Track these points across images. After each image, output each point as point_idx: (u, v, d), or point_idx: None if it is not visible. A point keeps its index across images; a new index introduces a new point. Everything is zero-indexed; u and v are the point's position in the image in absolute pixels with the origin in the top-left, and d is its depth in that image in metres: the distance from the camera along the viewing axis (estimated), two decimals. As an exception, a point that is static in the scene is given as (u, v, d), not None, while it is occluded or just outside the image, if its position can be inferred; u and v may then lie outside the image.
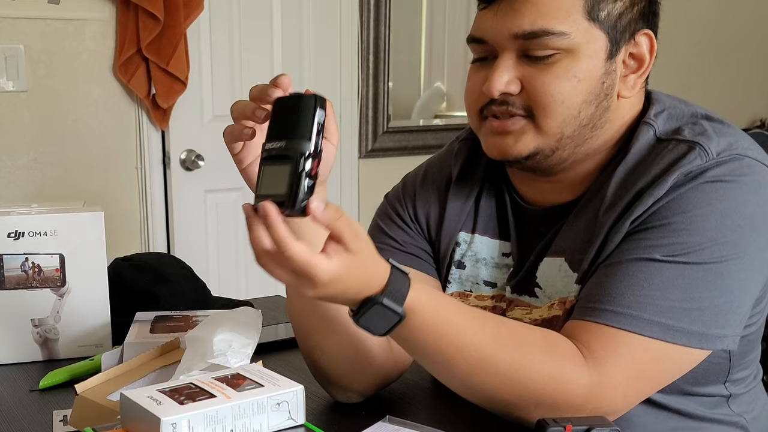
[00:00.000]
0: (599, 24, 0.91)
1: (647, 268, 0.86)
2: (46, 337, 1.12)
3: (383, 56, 2.96)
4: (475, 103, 0.97)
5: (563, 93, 0.91)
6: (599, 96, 0.92)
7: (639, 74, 0.95)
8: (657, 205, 0.88)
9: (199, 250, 2.62)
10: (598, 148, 0.96)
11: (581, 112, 0.92)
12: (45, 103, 2.35)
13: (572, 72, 0.90)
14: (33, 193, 2.34)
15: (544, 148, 0.94)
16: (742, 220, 0.86)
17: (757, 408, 1.05)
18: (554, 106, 0.91)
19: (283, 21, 2.71)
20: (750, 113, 3.96)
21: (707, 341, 0.86)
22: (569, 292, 0.95)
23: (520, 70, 0.92)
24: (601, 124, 0.94)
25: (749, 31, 3.83)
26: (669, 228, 0.87)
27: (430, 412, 0.96)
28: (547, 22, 0.89)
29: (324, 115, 0.77)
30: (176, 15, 2.34)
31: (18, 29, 2.28)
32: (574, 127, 0.92)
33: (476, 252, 1.05)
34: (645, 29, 0.94)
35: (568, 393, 0.84)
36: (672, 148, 0.90)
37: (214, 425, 0.76)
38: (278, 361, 1.11)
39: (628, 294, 0.85)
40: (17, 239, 1.09)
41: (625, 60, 0.94)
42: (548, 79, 0.90)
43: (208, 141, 2.57)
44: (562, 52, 0.90)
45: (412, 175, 1.14)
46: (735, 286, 0.87)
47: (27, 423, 0.92)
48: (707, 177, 0.87)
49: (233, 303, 1.31)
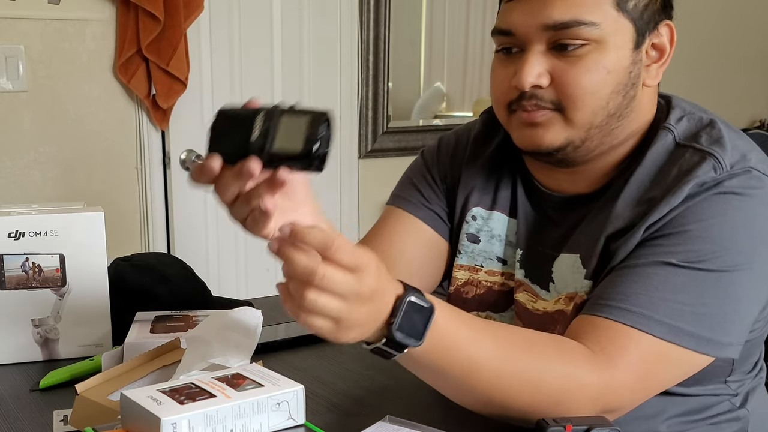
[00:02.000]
0: (627, 14, 0.92)
1: (662, 272, 0.87)
2: (46, 337, 1.12)
3: (383, 56, 2.96)
4: (504, 96, 0.97)
5: (594, 85, 0.91)
6: (627, 86, 0.93)
7: (660, 64, 0.97)
8: (673, 213, 0.89)
9: (199, 250, 2.62)
10: (623, 138, 0.97)
11: (609, 102, 0.93)
12: (45, 103, 2.35)
13: (602, 64, 0.91)
14: (33, 193, 2.35)
15: (574, 139, 0.94)
16: (753, 232, 0.89)
17: (758, 405, 1.06)
18: (585, 98, 0.92)
19: (283, 21, 2.71)
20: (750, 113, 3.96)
21: (713, 348, 0.87)
22: (578, 288, 0.97)
23: (550, 62, 0.92)
24: (627, 113, 0.95)
25: (749, 32, 3.83)
26: (685, 235, 0.88)
27: (430, 412, 0.95)
28: (579, 12, 0.90)
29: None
30: (176, 15, 2.35)
31: (18, 29, 2.28)
32: (602, 117, 0.93)
33: (492, 228, 1.07)
34: (666, 20, 0.96)
35: (581, 392, 0.84)
36: (689, 157, 0.92)
37: (214, 425, 0.76)
38: (278, 361, 1.11)
39: (642, 294, 0.87)
40: (17, 239, 1.09)
41: (647, 50, 0.95)
42: (579, 72, 0.91)
43: (208, 141, 2.57)
44: (592, 43, 0.91)
45: (447, 137, 1.16)
46: (744, 296, 0.89)
47: (27, 423, 0.92)
48: (721, 188, 0.89)
49: (233, 303, 1.31)
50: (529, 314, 1.03)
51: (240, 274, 2.73)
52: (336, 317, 0.74)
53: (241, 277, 2.73)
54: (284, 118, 0.75)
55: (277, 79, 2.73)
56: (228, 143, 0.78)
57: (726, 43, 3.76)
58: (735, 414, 1.02)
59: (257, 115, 0.76)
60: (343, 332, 0.75)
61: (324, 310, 0.73)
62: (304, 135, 0.74)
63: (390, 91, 3.02)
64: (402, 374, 1.09)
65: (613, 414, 0.87)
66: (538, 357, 0.85)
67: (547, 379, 0.84)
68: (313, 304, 0.72)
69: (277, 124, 0.75)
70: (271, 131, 0.75)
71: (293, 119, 0.75)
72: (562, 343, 0.87)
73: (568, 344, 0.87)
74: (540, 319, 1.01)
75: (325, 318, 0.74)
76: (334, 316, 0.73)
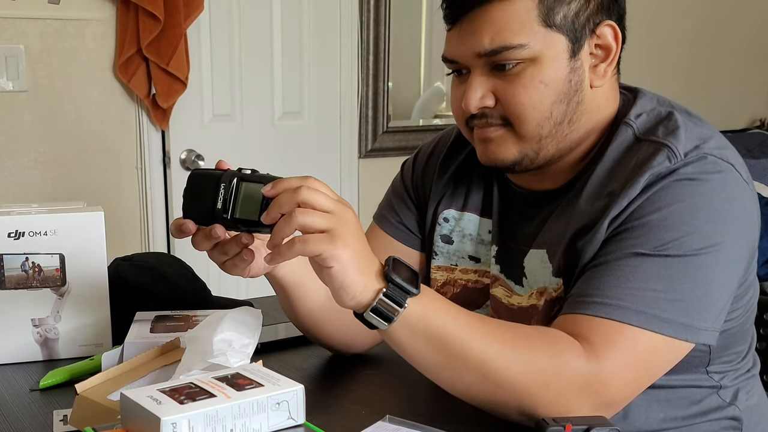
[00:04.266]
0: (556, 28, 0.94)
1: (631, 262, 0.90)
2: (46, 337, 1.12)
3: (383, 56, 2.96)
4: (461, 116, 1.02)
5: (533, 100, 0.95)
6: (569, 93, 0.97)
7: (608, 62, 0.98)
8: (632, 206, 0.92)
9: (199, 250, 2.62)
10: (580, 139, 1.00)
11: (553, 112, 0.96)
12: (45, 103, 2.35)
13: (538, 78, 0.95)
14: (33, 193, 2.35)
15: (528, 152, 0.99)
16: (712, 214, 0.91)
17: (753, 402, 1.06)
18: (527, 113, 0.96)
19: (283, 21, 2.71)
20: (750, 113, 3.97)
21: (691, 333, 0.89)
22: (547, 283, 1.00)
23: (492, 83, 0.97)
24: (578, 117, 0.98)
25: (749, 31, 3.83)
26: (647, 225, 0.91)
27: (430, 412, 0.96)
28: (505, 38, 0.93)
29: None
30: (176, 15, 2.35)
31: (18, 29, 2.28)
32: (549, 127, 0.97)
33: (463, 228, 1.11)
34: (606, 20, 0.97)
35: (570, 374, 0.86)
36: (644, 149, 0.94)
37: (214, 425, 0.76)
38: (278, 361, 1.11)
39: (615, 286, 0.89)
40: (17, 239, 1.09)
41: (592, 51, 0.98)
42: (517, 89, 0.95)
43: (208, 141, 2.57)
44: (526, 61, 0.94)
45: (425, 146, 1.22)
46: (714, 279, 0.90)
47: (27, 423, 0.92)
48: (677, 176, 0.91)
49: (233, 303, 1.31)
50: (506, 309, 1.05)
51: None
52: (325, 228, 0.81)
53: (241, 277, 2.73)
54: (245, 185, 0.87)
55: (277, 79, 2.73)
56: (197, 209, 0.89)
57: (725, 42, 3.76)
58: (726, 412, 1.03)
59: (219, 185, 0.87)
60: (339, 242, 0.81)
61: (313, 222, 0.81)
62: (260, 204, 0.85)
63: (390, 91, 3.02)
64: (402, 374, 1.09)
65: (609, 409, 0.88)
66: (524, 338, 0.88)
67: (534, 358, 0.86)
68: (302, 221, 0.80)
69: (237, 193, 0.87)
70: (231, 200, 0.87)
71: (253, 187, 0.86)
72: (548, 331, 0.89)
73: (558, 336, 0.88)
74: (515, 313, 1.04)
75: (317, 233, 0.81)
76: (324, 226, 0.81)
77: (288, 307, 1.08)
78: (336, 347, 1.13)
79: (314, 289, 1.04)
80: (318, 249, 0.81)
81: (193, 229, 0.89)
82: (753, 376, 1.08)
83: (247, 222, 0.86)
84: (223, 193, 0.87)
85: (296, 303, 1.05)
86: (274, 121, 2.75)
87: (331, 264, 0.82)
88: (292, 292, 1.04)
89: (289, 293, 1.04)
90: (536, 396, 0.86)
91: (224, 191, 0.87)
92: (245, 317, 0.96)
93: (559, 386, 0.86)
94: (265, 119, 2.72)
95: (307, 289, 1.04)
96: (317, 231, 0.81)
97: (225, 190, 0.87)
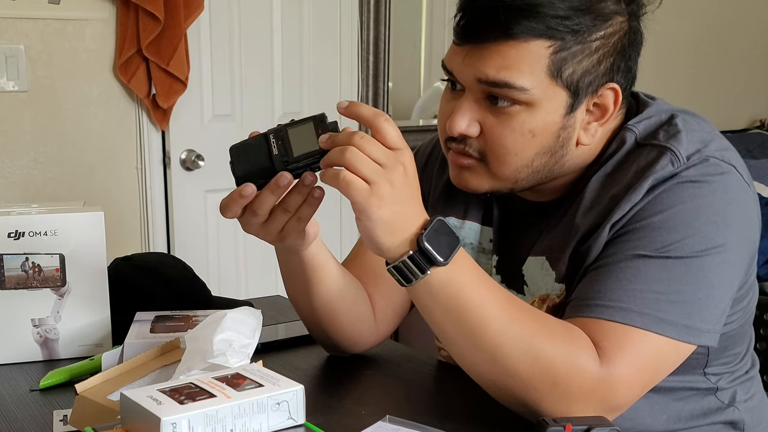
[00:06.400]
0: (562, 82, 0.92)
1: (633, 264, 0.89)
2: (46, 337, 1.12)
3: (383, 56, 2.96)
4: (443, 132, 1.00)
5: (517, 146, 0.94)
6: (554, 147, 0.96)
7: (601, 123, 0.97)
8: (635, 209, 0.92)
9: (199, 250, 2.62)
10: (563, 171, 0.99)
11: (534, 161, 0.96)
12: (45, 103, 2.35)
13: (527, 126, 0.93)
14: (33, 193, 2.34)
15: (500, 188, 0.99)
16: (714, 216, 0.90)
17: (754, 402, 1.06)
18: (507, 157, 0.95)
19: (283, 21, 2.71)
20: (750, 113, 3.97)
21: (693, 335, 0.89)
22: (549, 290, 0.99)
23: (482, 113, 0.95)
24: (558, 168, 0.98)
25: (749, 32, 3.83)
26: (649, 227, 0.90)
27: (430, 412, 0.96)
28: (511, 75, 0.91)
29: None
30: (176, 15, 2.35)
31: (18, 29, 2.28)
32: (527, 174, 0.97)
33: (464, 237, 1.10)
34: (611, 83, 0.95)
35: (580, 377, 0.85)
36: (646, 154, 0.94)
37: (214, 425, 0.76)
38: (278, 361, 1.11)
39: (617, 289, 0.89)
40: (17, 239, 1.09)
41: (589, 108, 0.96)
42: (505, 131, 0.93)
43: (208, 141, 2.57)
44: (522, 105, 0.92)
45: (422, 150, 1.21)
46: (715, 281, 0.90)
47: (27, 423, 0.92)
48: (679, 179, 0.91)
49: (233, 303, 1.31)
50: None
51: (240, 274, 2.73)
52: (370, 177, 0.80)
53: (241, 277, 2.73)
54: (290, 130, 0.86)
55: (277, 79, 2.73)
56: (253, 169, 0.87)
57: (726, 43, 3.76)
58: (725, 414, 1.03)
59: (267, 137, 0.87)
60: (375, 201, 0.81)
61: (361, 164, 0.80)
62: (315, 136, 0.85)
63: (390, 91, 3.02)
64: (402, 374, 1.09)
65: (612, 412, 0.87)
66: (546, 330, 0.87)
67: (550, 353, 0.85)
68: (353, 158, 0.80)
69: (287, 137, 0.86)
70: (287, 144, 0.86)
71: (299, 128, 0.86)
72: (571, 328, 0.88)
73: (578, 334, 0.88)
74: None
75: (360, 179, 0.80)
76: (369, 175, 0.80)
77: (305, 293, 1.05)
78: (341, 344, 1.11)
79: (335, 274, 1.04)
80: (354, 197, 0.81)
81: (253, 193, 0.86)
82: (752, 377, 1.08)
83: (308, 155, 0.86)
84: (275, 141, 0.86)
85: (315, 287, 1.03)
86: (274, 121, 2.74)
87: (361, 218, 0.82)
88: (314, 274, 1.02)
89: (310, 274, 1.02)
90: (542, 391, 0.85)
91: (275, 139, 0.86)
92: (245, 317, 0.96)
93: (567, 386, 0.85)
94: (265, 119, 2.72)
95: (328, 272, 1.03)
96: (361, 177, 0.80)
97: (276, 138, 0.86)
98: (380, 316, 1.12)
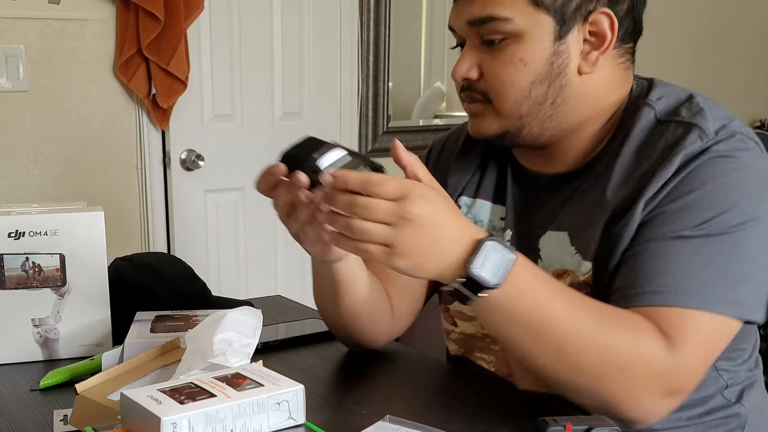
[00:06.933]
0: (544, 8, 0.96)
1: (674, 246, 0.90)
2: (46, 337, 1.12)
3: (383, 56, 2.96)
4: (457, 88, 1.05)
5: (512, 77, 0.98)
6: (550, 75, 0.98)
7: (601, 50, 0.99)
8: (668, 186, 0.92)
9: (199, 250, 2.62)
10: (576, 122, 1.01)
11: (532, 92, 0.99)
12: (45, 103, 2.35)
13: (518, 56, 0.97)
14: (33, 193, 2.34)
15: (509, 128, 1.02)
16: (748, 191, 0.92)
17: (756, 402, 1.06)
18: (505, 90, 0.99)
19: (283, 21, 2.71)
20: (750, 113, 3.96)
21: (743, 310, 0.90)
22: (570, 266, 1.00)
23: (480, 56, 1.00)
24: (563, 100, 1.00)
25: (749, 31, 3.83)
26: (684, 208, 0.91)
27: (430, 412, 0.96)
28: (493, 9, 0.97)
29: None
30: (176, 15, 2.35)
31: (18, 29, 2.28)
32: (528, 106, 0.99)
33: (476, 215, 1.12)
34: (601, 8, 0.98)
35: (647, 363, 0.87)
36: (673, 130, 0.95)
37: (214, 425, 0.76)
38: (278, 361, 1.11)
39: (664, 273, 0.89)
40: (17, 239, 1.09)
41: (586, 38, 0.99)
42: (498, 65, 0.99)
43: (208, 141, 2.57)
44: (510, 37, 0.97)
45: (438, 140, 1.24)
46: (755, 255, 0.91)
47: (27, 423, 0.92)
48: (710, 154, 0.92)
49: (233, 303, 1.31)
50: None
51: (240, 274, 2.73)
52: (384, 242, 0.79)
53: (241, 277, 2.73)
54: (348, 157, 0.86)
55: (277, 78, 2.73)
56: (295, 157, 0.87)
57: (726, 42, 3.76)
58: (731, 410, 1.03)
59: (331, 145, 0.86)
60: (398, 258, 0.80)
61: (369, 235, 0.79)
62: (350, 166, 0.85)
63: (390, 91, 3.02)
64: (402, 374, 1.09)
65: (676, 397, 0.89)
66: (609, 321, 0.87)
67: (616, 343, 0.86)
68: (359, 231, 0.79)
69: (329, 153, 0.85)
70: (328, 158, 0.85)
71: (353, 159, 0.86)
72: (633, 317, 0.89)
73: (638, 318, 0.88)
74: None
75: (375, 244, 0.80)
76: (382, 241, 0.79)
77: (331, 301, 1.06)
78: (360, 342, 1.12)
79: (363, 287, 1.05)
80: (378, 259, 0.81)
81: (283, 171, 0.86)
82: (756, 376, 1.08)
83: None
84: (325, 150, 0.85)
85: (343, 297, 1.04)
86: (274, 121, 2.75)
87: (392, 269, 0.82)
88: (342, 286, 1.02)
89: (339, 287, 1.02)
90: (610, 380, 0.86)
91: (327, 149, 0.85)
92: (245, 317, 0.96)
93: (634, 372, 0.86)
94: (265, 119, 2.72)
95: (354, 283, 1.03)
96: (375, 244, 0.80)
97: (328, 149, 0.85)
98: (397, 314, 1.14)
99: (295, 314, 1.34)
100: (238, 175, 2.65)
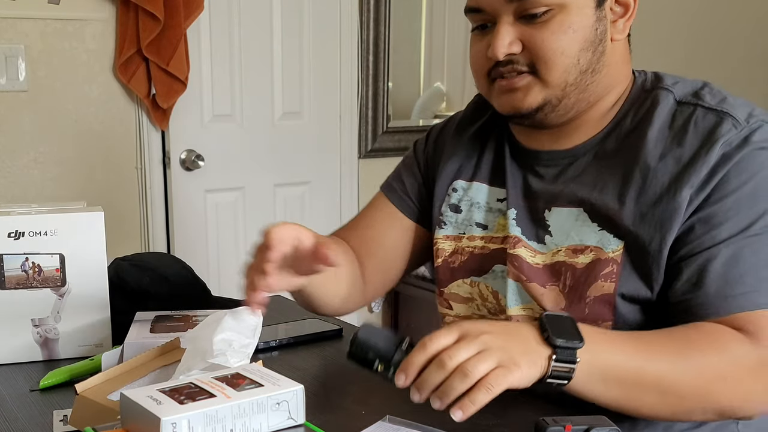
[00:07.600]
0: None
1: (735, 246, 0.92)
2: (46, 337, 1.12)
3: (383, 56, 2.96)
4: (482, 68, 1.05)
5: (562, 45, 0.98)
6: (594, 42, 1.00)
7: (626, 18, 1.03)
8: (715, 177, 0.93)
9: (199, 250, 2.62)
10: (599, 93, 1.03)
11: (580, 59, 1.00)
12: (45, 103, 2.35)
13: (566, 24, 0.98)
14: (33, 193, 2.34)
15: (551, 99, 1.02)
16: None
17: None
18: (555, 59, 0.99)
19: (283, 21, 2.71)
20: (750, 113, 3.96)
21: None
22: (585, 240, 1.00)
23: (519, 30, 1.00)
24: (599, 68, 1.02)
25: (749, 31, 3.83)
26: (737, 205, 0.93)
27: (430, 412, 0.95)
28: None
29: None
30: (176, 15, 2.35)
31: (18, 29, 2.28)
32: (575, 75, 1.00)
33: (472, 197, 1.14)
34: None
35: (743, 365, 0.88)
36: (702, 116, 0.97)
37: (214, 425, 0.76)
38: (278, 361, 1.11)
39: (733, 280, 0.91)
40: (17, 239, 1.09)
41: (612, 7, 1.02)
42: (546, 35, 0.98)
43: (208, 141, 2.57)
44: (555, 8, 0.98)
45: (438, 124, 1.26)
46: None
47: (27, 423, 0.92)
48: (751, 144, 0.94)
49: (233, 303, 1.31)
50: (531, 269, 1.06)
51: (240, 274, 2.72)
52: (492, 361, 0.79)
53: (241, 278, 2.73)
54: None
55: (277, 79, 2.73)
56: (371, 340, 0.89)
57: (725, 42, 3.76)
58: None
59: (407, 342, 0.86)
60: (514, 371, 0.80)
61: (479, 368, 0.79)
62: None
63: (390, 91, 3.02)
64: (402, 374, 1.09)
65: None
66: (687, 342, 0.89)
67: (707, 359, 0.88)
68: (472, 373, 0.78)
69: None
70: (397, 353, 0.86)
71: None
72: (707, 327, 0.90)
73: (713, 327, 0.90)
74: (541, 272, 1.04)
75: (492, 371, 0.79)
76: (492, 365, 0.79)
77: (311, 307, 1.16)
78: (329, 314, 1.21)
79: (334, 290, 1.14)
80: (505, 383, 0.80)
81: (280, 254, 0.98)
82: None
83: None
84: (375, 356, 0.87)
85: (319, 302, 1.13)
86: (274, 121, 2.75)
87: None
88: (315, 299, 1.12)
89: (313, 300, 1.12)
90: (716, 392, 0.88)
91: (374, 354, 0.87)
92: (245, 317, 0.96)
93: (734, 374, 0.88)
94: (265, 119, 2.72)
95: (328, 289, 1.12)
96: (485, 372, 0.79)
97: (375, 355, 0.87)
98: (370, 283, 1.20)
99: (295, 314, 1.34)
100: (237, 175, 2.65)
